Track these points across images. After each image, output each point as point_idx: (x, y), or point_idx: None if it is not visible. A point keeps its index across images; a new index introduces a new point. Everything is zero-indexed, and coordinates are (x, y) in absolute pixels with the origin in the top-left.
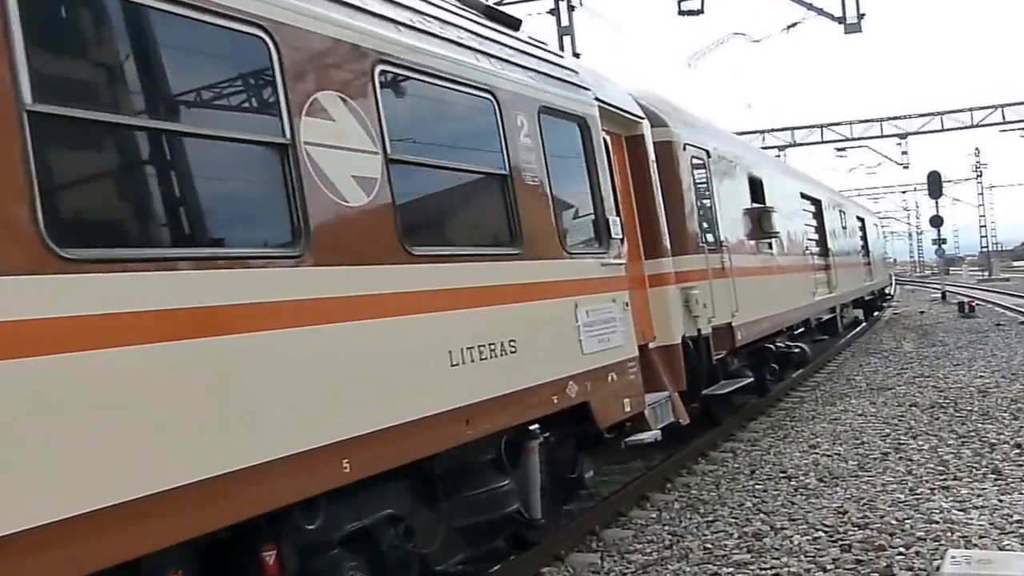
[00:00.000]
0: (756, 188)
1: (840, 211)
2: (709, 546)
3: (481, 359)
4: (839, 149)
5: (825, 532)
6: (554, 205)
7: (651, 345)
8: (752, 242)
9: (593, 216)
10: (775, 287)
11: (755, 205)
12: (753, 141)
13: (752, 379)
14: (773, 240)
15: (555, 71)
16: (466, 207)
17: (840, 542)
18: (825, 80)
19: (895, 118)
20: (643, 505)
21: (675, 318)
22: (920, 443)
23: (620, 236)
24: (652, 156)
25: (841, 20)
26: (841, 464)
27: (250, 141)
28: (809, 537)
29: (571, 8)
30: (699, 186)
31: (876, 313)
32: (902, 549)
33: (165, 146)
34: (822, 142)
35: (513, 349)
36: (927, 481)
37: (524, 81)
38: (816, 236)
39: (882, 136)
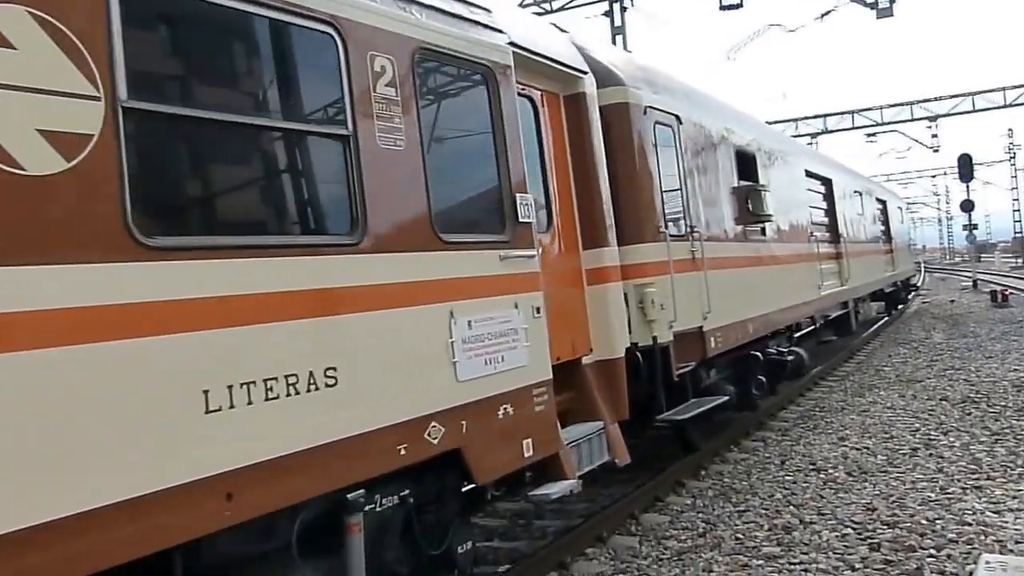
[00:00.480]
0: (747, 164)
1: (857, 192)
2: (740, 536)
3: (267, 399)
4: (869, 134)
5: (854, 529)
6: (428, 179)
7: (586, 360)
8: (739, 227)
9: (496, 194)
10: (766, 281)
11: (743, 183)
12: (786, 130)
13: (727, 398)
14: (766, 225)
15: (448, 5)
16: (268, 179)
17: (869, 540)
18: (857, 66)
19: (925, 101)
20: (679, 491)
21: (617, 324)
22: (951, 439)
23: (531, 220)
24: (597, 120)
25: (873, 6)
26: (870, 459)
27: None
28: (838, 533)
29: (623, 9)
30: (664, 159)
31: (900, 307)
32: (933, 551)
33: None
34: (853, 128)
35: (331, 381)
36: (959, 480)
37: (392, 13)
38: (826, 220)
39: (912, 120)
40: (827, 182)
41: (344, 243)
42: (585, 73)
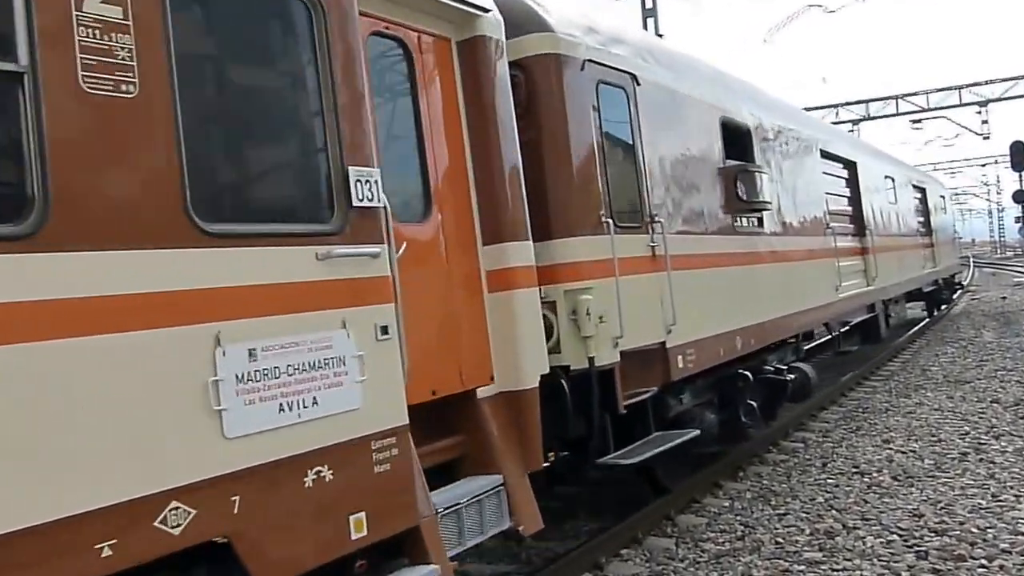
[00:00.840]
0: (740, 141)
1: (888, 178)
2: (780, 540)
3: None
4: (914, 121)
5: (900, 535)
6: (183, 141)
7: (484, 393)
8: (726, 218)
9: (316, 167)
10: (763, 282)
11: (732, 163)
12: (826, 116)
13: (696, 432)
14: (764, 214)
15: None
16: None
17: (916, 548)
18: (902, 48)
19: (975, 84)
20: (716, 493)
21: (528, 343)
22: (1003, 444)
23: (376, 204)
24: (506, 75)
25: None
26: (916, 462)
27: None
28: (883, 540)
29: None
30: (612, 130)
31: (943, 308)
32: (984, 561)
33: None
34: (897, 114)
35: None
36: (1011, 487)
37: None
38: (848, 210)
39: (961, 105)
40: (850, 166)
41: (4, 235)
42: (486, 11)
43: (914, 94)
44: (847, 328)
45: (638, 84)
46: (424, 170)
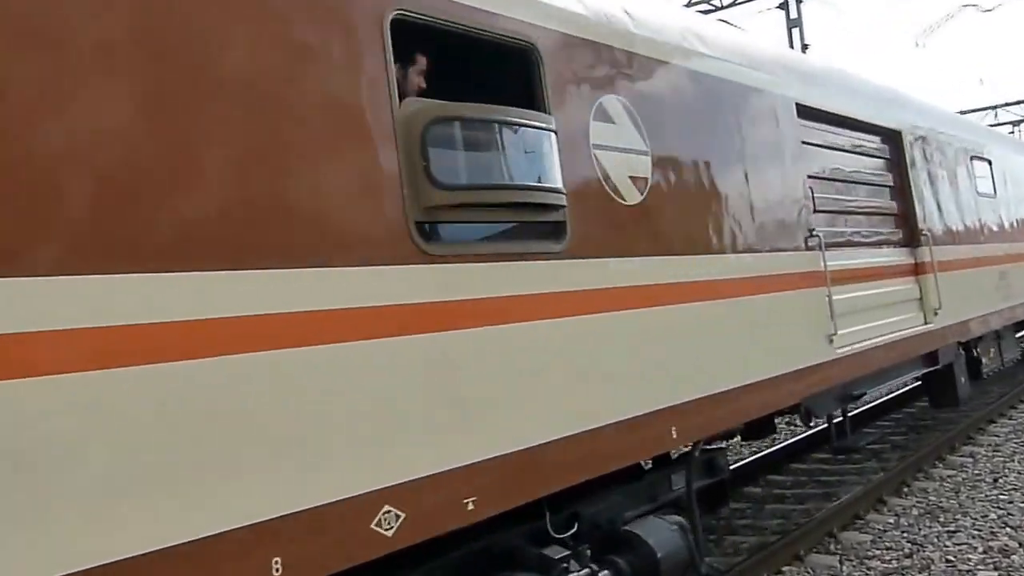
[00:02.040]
0: (492, 65)
1: (978, 160)
2: (951, 559)
3: None
4: None
5: None
6: None
7: None
8: (377, 222)
9: None
10: (514, 362)
11: (421, 104)
12: (984, 118)
13: None
14: (559, 213)
15: None
16: None
17: None
18: None
19: None
20: (880, 509)
21: None
22: None
23: None
24: None
25: None
26: None
27: None
28: None
29: (799, 0)
30: None
31: None
32: None
33: None
34: None
35: None
36: None
37: None
38: (884, 204)
39: None
40: (892, 137)
41: None
42: None
43: None
44: (862, 407)
45: None
46: None
